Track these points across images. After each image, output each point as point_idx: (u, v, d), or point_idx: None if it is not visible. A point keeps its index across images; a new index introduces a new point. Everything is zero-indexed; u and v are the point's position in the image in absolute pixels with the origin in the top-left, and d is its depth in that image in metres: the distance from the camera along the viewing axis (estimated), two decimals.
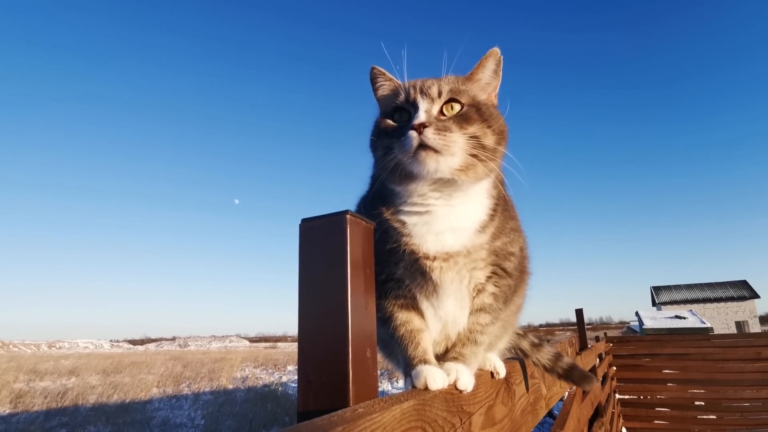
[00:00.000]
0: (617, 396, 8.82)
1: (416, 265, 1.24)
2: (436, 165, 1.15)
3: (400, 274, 1.26)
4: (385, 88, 1.36)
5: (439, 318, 1.32)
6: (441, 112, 1.23)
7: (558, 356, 2.00)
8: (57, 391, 16.29)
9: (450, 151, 1.15)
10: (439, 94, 1.24)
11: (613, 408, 7.49)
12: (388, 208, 1.26)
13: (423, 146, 1.14)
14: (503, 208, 1.35)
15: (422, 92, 1.24)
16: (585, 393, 5.01)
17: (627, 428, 8.76)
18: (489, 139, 1.22)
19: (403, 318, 1.28)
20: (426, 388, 1.12)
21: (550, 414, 9.13)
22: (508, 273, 1.34)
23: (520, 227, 1.49)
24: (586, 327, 6.64)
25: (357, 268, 0.97)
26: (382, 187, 1.29)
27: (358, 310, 0.95)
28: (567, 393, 4.18)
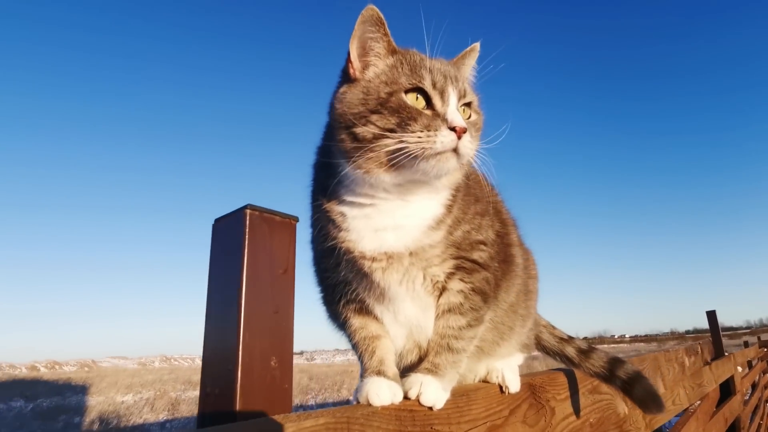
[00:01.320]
0: None
1: (356, 266, 1.09)
2: (450, 168, 1.03)
3: (344, 275, 1.12)
4: (380, 47, 1.12)
5: (400, 323, 1.15)
6: None
7: (616, 362, 1.64)
8: None
9: (467, 160, 1.06)
10: (464, 94, 1.11)
11: (761, 419, 6.17)
12: (329, 198, 1.11)
13: (453, 150, 1.01)
14: (464, 192, 1.15)
15: (452, 84, 1.08)
16: (718, 406, 4.20)
17: None
18: (477, 146, 1.12)
19: (358, 324, 1.14)
20: (369, 404, 0.97)
21: None
22: (481, 265, 1.13)
23: (502, 208, 1.27)
24: (742, 331, 5.63)
25: (259, 267, 0.87)
26: (328, 174, 1.11)
27: (261, 315, 0.86)
28: (687, 408, 3.51)
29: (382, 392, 0.98)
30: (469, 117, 1.12)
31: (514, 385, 1.35)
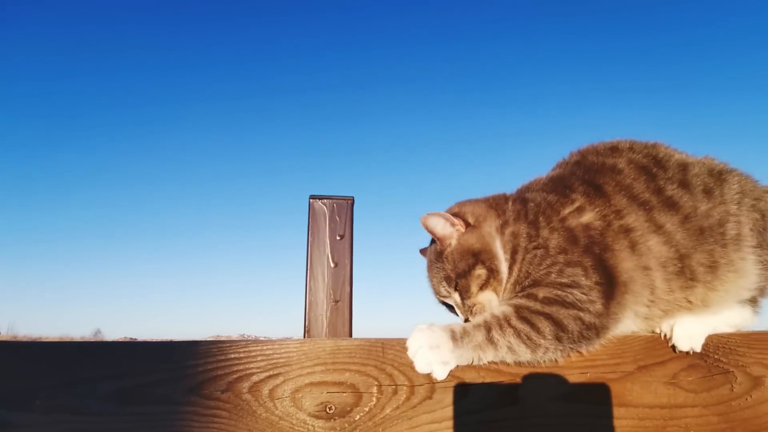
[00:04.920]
0: None
1: None
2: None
3: None
4: None
5: None
6: None
7: None
8: None
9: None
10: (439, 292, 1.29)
11: None
12: None
13: None
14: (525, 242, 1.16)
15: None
16: None
17: None
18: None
19: None
20: None
21: None
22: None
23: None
24: None
25: (320, 236, 1.24)
26: None
27: (322, 268, 1.22)
28: None
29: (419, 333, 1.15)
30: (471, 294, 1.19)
31: (683, 342, 1.18)
